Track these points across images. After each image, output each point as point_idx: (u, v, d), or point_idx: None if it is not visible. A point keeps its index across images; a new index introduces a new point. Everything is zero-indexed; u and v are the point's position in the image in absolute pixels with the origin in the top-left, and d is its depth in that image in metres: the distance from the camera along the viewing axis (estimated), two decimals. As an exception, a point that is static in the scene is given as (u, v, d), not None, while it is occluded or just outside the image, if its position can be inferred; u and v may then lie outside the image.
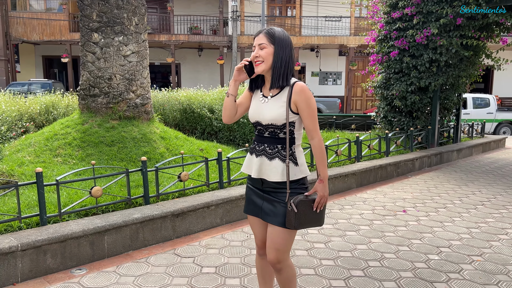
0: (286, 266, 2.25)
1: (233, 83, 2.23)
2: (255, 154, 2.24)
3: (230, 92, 2.25)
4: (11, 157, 5.06)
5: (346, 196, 5.61)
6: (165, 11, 20.51)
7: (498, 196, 5.77)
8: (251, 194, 2.31)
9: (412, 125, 8.39)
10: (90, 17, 5.78)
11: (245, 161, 2.32)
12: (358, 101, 21.51)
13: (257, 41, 2.16)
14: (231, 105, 2.26)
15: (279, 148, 2.16)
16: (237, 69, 2.20)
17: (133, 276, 3.15)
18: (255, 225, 2.34)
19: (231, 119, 2.30)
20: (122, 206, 3.92)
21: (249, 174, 2.28)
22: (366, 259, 3.52)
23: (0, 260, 2.93)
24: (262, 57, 2.13)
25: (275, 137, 2.17)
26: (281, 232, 2.16)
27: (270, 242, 2.20)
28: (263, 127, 2.19)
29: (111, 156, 5.24)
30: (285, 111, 2.12)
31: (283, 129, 2.15)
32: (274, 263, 2.22)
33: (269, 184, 2.20)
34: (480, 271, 3.32)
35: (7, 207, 3.58)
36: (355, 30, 19.31)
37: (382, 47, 8.59)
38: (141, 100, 6.09)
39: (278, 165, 2.15)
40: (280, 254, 2.19)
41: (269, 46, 2.13)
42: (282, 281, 2.31)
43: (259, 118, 2.19)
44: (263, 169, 2.18)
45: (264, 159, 2.19)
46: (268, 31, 2.16)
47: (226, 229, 4.20)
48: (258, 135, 2.24)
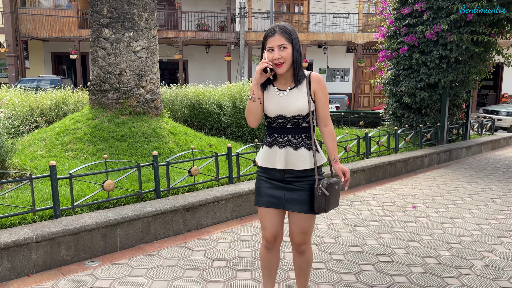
0: (309, 248, 2.41)
1: (256, 87, 2.22)
2: (277, 146, 2.26)
3: (256, 96, 2.22)
4: (23, 152, 5.12)
5: (355, 192, 5.61)
6: (173, 8, 20.55)
7: (508, 193, 5.73)
8: (267, 187, 2.31)
9: (421, 122, 8.35)
10: (101, 12, 5.81)
11: (262, 155, 2.33)
12: (365, 98, 21.43)
13: (275, 42, 2.13)
14: (258, 109, 2.25)
15: (303, 137, 2.25)
16: (259, 72, 2.15)
17: (145, 268, 3.19)
18: (268, 217, 2.33)
19: (259, 122, 2.31)
20: (134, 200, 3.95)
21: (271, 167, 2.28)
22: (377, 254, 3.53)
23: (16, 252, 2.98)
24: (284, 58, 2.14)
25: (299, 127, 2.24)
26: (307, 217, 2.30)
27: (296, 227, 2.32)
28: (286, 120, 2.24)
29: (122, 151, 5.28)
30: (307, 102, 2.21)
31: (306, 118, 2.23)
32: (300, 244, 2.36)
33: (293, 173, 2.25)
34: (491, 267, 3.32)
35: (21, 200, 3.64)
36: (363, 26, 19.21)
37: (391, 43, 8.54)
38: (151, 96, 6.12)
39: (305, 153, 2.24)
40: (306, 237, 2.35)
41: (288, 45, 2.15)
42: (302, 264, 2.43)
43: (283, 111, 2.22)
44: (290, 159, 2.24)
45: (290, 149, 2.24)
46: (284, 30, 2.15)
47: (236, 224, 4.23)
48: (278, 127, 2.26)
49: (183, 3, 19.93)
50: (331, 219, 4.41)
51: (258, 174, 2.38)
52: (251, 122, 2.30)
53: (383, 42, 8.95)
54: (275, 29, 2.16)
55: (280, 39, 2.14)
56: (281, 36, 2.14)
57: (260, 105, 2.25)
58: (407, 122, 8.49)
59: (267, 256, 2.43)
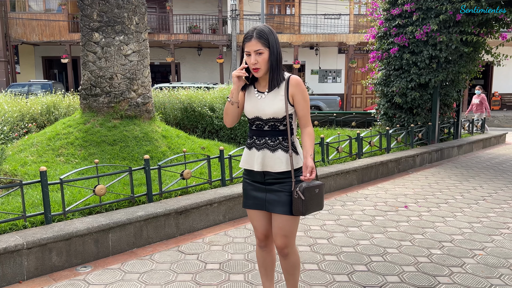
0: (293, 251, 2.36)
1: (236, 91, 2.25)
2: (255, 148, 2.28)
3: (234, 100, 2.27)
4: (14, 157, 5.08)
5: (347, 192, 5.63)
6: (164, 11, 20.52)
7: (499, 191, 5.79)
8: (250, 189, 2.35)
9: (412, 122, 8.41)
10: (91, 16, 5.79)
11: (243, 157, 2.36)
12: (358, 98, 21.52)
13: (251, 47, 2.14)
14: (236, 111, 2.32)
15: (280, 139, 2.25)
16: (236, 76, 2.19)
17: (137, 273, 3.18)
18: (256, 218, 2.38)
19: (234, 123, 2.37)
20: (126, 204, 3.94)
21: (250, 168, 2.31)
22: (369, 254, 3.55)
23: (6, 259, 2.95)
24: (260, 63, 2.16)
25: (276, 130, 2.25)
26: (287, 219, 2.26)
27: (277, 229, 2.29)
28: (263, 122, 2.25)
29: (113, 155, 5.26)
30: (284, 105, 2.20)
31: (283, 121, 2.24)
32: (282, 248, 2.32)
33: (272, 175, 2.26)
34: (483, 265, 3.35)
35: (11, 206, 3.61)
36: (354, 27, 19.31)
37: (381, 44, 8.60)
38: (143, 99, 6.10)
39: (281, 156, 2.23)
40: (288, 239, 2.30)
41: (265, 50, 2.15)
42: (288, 268, 2.39)
43: (259, 113, 2.25)
44: (267, 161, 2.24)
45: (267, 152, 2.25)
46: (260, 35, 2.14)
47: (229, 226, 4.23)
48: (256, 130, 2.29)
49: (174, 5, 19.91)
50: (324, 220, 4.42)
51: (243, 176, 2.43)
52: (227, 123, 2.37)
53: (374, 42, 9.01)
54: (252, 33, 2.15)
55: (257, 44, 2.13)
56: (257, 41, 2.13)
57: (237, 108, 2.31)
58: (399, 122, 8.54)
59: (261, 255, 2.49)
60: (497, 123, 17.66)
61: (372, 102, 11.86)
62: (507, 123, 17.74)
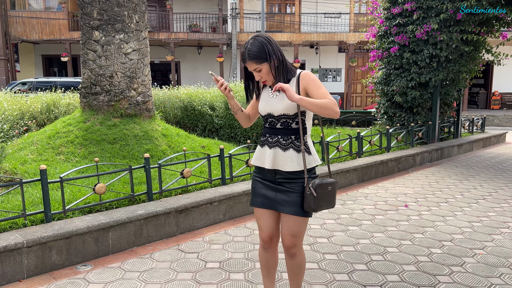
0: (300, 252, 2.36)
1: (233, 102, 2.33)
2: (267, 146, 2.29)
3: (236, 110, 2.37)
4: (13, 156, 5.07)
5: (348, 191, 5.63)
6: (164, 9, 20.49)
7: (499, 190, 5.79)
8: (260, 187, 2.35)
9: (412, 121, 8.40)
10: (91, 15, 5.78)
11: (255, 154, 2.37)
12: (358, 97, 21.51)
13: (249, 67, 2.21)
14: (243, 116, 2.44)
15: (293, 138, 2.24)
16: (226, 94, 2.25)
17: (138, 271, 3.18)
18: (263, 218, 2.36)
19: (250, 124, 2.50)
20: (126, 203, 3.93)
21: (261, 166, 2.31)
22: (369, 253, 3.55)
23: (6, 257, 2.95)
24: (264, 76, 2.22)
25: (288, 128, 2.25)
26: (297, 220, 2.26)
27: (286, 229, 2.29)
28: (275, 119, 2.26)
29: (113, 153, 5.25)
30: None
31: (295, 119, 2.23)
32: (290, 247, 2.32)
33: (283, 174, 2.26)
34: (483, 264, 3.34)
35: (11, 204, 3.60)
36: (355, 26, 19.29)
37: (382, 43, 8.59)
38: (143, 98, 6.10)
39: (292, 155, 2.22)
40: (296, 239, 2.31)
41: (263, 65, 2.18)
42: (293, 268, 2.39)
43: (271, 110, 2.26)
44: (278, 159, 2.24)
45: (278, 150, 2.25)
46: (251, 56, 2.15)
47: (229, 225, 4.22)
48: (269, 127, 2.30)
49: (175, 4, 19.88)
50: (324, 219, 4.42)
51: (253, 174, 2.43)
52: (243, 126, 2.52)
53: (374, 41, 9.00)
54: (245, 55, 2.18)
55: (252, 65, 2.19)
56: (251, 62, 2.18)
57: (242, 113, 2.41)
58: (399, 121, 8.54)
59: (264, 256, 2.47)
60: (497, 122, 17.65)
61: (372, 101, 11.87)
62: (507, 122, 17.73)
